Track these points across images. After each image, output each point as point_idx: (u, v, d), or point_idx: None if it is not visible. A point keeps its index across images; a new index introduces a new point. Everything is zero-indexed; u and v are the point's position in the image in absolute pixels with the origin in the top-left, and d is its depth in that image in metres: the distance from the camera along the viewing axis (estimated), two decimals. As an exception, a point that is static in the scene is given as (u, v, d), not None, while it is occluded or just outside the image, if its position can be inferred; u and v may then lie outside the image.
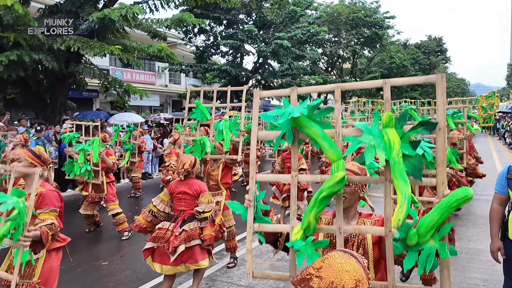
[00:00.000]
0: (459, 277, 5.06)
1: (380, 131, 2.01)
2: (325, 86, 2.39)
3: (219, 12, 22.26)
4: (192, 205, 4.40)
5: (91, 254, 6.36)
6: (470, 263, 5.52)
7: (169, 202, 4.50)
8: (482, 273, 5.19)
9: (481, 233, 6.74)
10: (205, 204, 4.36)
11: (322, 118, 2.17)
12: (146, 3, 14.10)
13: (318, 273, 1.31)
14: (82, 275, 5.48)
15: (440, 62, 61.38)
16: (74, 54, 12.14)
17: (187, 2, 15.01)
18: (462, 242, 6.36)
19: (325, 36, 25.82)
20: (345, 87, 2.29)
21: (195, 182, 4.56)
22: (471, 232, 6.89)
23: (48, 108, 13.24)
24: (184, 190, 4.45)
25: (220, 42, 22.37)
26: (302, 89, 2.36)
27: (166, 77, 29.24)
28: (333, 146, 2.10)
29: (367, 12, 36.70)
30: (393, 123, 1.99)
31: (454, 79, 78.34)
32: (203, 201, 4.38)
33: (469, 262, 5.55)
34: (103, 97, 17.54)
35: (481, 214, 7.99)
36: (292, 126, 2.16)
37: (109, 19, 10.96)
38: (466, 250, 5.98)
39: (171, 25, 13.77)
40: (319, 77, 31.42)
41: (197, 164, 4.60)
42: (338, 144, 2.11)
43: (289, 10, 23.25)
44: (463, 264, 5.46)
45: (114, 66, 24.44)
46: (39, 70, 12.44)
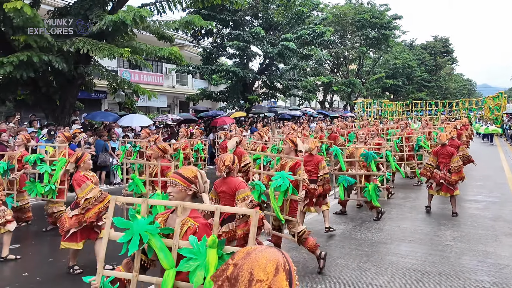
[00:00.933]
0: (467, 279, 4.99)
1: (205, 250, 2.28)
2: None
3: (226, 13, 22.35)
4: (231, 204, 4.27)
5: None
6: (479, 265, 5.46)
7: (217, 200, 4.47)
8: (491, 275, 5.10)
9: (490, 235, 6.72)
10: (240, 202, 4.20)
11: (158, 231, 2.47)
12: (153, 5, 14.23)
13: (235, 261, 1.30)
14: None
15: (447, 63, 61.13)
16: (83, 56, 12.28)
17: (194, 4, 15.13)
18: (470, 244, 6.32)
19: (330, 36, 25.80)
20: (223, 210, 2.59)
21: (233, 179, 4.40)
22: (480, 234, 6.82)
23: (58, 109, 13.38)
24: (223, 189, 4.39)
25: (226, 44, 22.48)
26: (152, 201, 2.87)
27: (173, 78, 29.41)
28: (168, 256, 2.40)
29: (375, 13, 36.65)
30: (216, 245, 2.25)
31: (460, 79, 78.02)
32: (239, 199, 4.23)
33: (477, 264, 5.49)
34: (112, 98, 17.71)
35: (489, 215, 8.00)
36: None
37: (122, 22, 11.12)
38: (474, 253, 5.93)
39: (179, 27, 13.88)
40: (325, 78, 31.45)
41: (236, 161, 4.47)
42: (173, 253, 2.42)
43: (296, 11, 23.29)
44: (470, 267, 5.40)
45: (122, 67, 24.65)
46: (49, 71, 12.61)
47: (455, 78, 71.78)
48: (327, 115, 32.16)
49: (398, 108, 37.32)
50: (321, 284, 4.96)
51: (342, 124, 15.75)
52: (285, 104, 42.27)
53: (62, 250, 5.33)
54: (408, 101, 39.90)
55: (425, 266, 5.46)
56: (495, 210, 8.44)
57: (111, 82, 15.34)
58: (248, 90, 24.26)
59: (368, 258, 5.79)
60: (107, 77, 15.19)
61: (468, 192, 10.28)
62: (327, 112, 35.02)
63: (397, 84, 46.64)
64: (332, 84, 33.83)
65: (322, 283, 4.99)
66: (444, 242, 6.46)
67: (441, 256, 5.80)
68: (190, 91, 28.20)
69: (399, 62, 48.26)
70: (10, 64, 10.31)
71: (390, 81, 44.76)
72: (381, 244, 6.43)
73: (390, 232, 7.06)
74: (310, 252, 5.34)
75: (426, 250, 6.10)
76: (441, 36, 62.26)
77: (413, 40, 59.72)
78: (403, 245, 6.34)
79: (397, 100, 44.77)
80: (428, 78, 54.24)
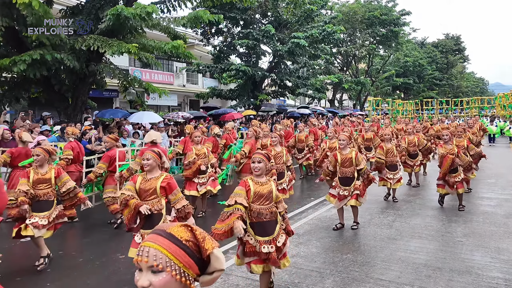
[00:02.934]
0: (479, 276, 4.89)
1: None
2: None
3: (236, 12, 22.37)
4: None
5: (109, 247, 6.47)
6: (491, 262, 5.36)
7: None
8: (504, 272, 5.00)
9: (502, 232, 6.63)
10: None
11: None
12: (163, 3, 14.28)
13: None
14: (100, 268, 5.56)
15: (458, 61, 60.56)
16: (94, 54, 12.34)
17: (204, 3, 15.14)
18: (482, 240, 6.22)
19: (340, 35, 25.73)
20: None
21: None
22: (492, 231, 6.73)
23: (70, 107, 13.48)
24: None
25: (236, 42, 22.51)
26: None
27: (183, 77, 29.63)
28: None
29: (383, 10, 36.36)
30: None
31: (472, 78, 77.29)
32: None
33: (489, 261, 5.40)
34: (123, 96, 17.82)
35: (501, 213, 7.90)
36: None
37: (124, 17, 11.13)
38: (486, 249, 5.84)
39: (187, 23, 13.83)
40: (334, 77, 31.32)
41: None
42: None
43: (305, 9, 23.22)
44: (483, 263, 5.30)
45: (134, 66, 24.84)
46: (62, 69, 12.70)
47: (467, 76, 71.09)
48: (336, 113, 32.01)
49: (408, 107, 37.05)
50: (328, 278, 4.92)
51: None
52: (294, 103, 42.14)
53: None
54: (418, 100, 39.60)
55: (435, 262, 5.37)
56: (508, 208, 8.32)
57: (122, 80, 15.41)
58: (257, 88, 24.27)
59: (377, 254, 5.73)
60: (118, 76, 15.26)
61: (480, 189, 10.17)
62: (336, 111, 34.86)
63: (407, 82, 46.27)
64: (342, 82, 33.62)
65: (329, 277, 4.95)
66: (455, 238, 6.37)
67: (452, 252, 5.70)
68: (200, 90, 28.31)
69: (409, 60, 47.89)
70: (23, 63, 10.36)
71: (400, 79, 44.40)
72: (391, 240, 6.36)
73: (399, 228, 6.99)
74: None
75: (437, 246, 6.01)
76: (453, 34, 61.71)
77: (425, 38, 59.29)
78: (413, 241, 6.25)
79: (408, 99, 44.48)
80: (439, 77, 53.76)
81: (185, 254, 1.42)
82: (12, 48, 12.20)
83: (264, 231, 4.05)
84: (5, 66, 10.49)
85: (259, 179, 4.16)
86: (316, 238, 6.54)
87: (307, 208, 8.70)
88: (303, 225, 7.32)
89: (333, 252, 5.89)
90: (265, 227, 4.06)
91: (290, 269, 5.02)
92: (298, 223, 7.45)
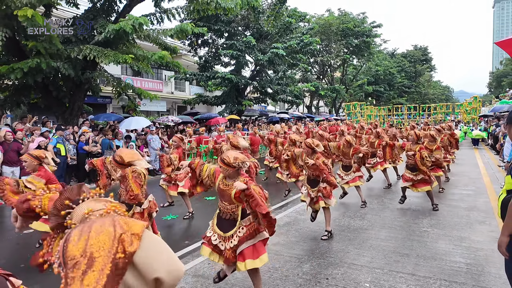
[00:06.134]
0: (443, 260, 5.10)
1: None
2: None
3: (220, 24, 22.60)
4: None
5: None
6: (454, 249, 5.53)
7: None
8: (466, 257, 5.19)
9: (464, 223, 6.84)
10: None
11: None
12: (153, 15, 14.38)
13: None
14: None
15: (426, 70, 61.69)
16: (90, 62, 12.41)
17: (190, 15, 15.27)
18: (446, 230, 6.41)
19: (317, 46, 26.15)
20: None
21: None
22: (455, 221, 6.93)
23: (67, 112, 13.52)
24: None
25: (221, 53, 22.72)
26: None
27: (172, 85, 29.80)
28: None
29: (356, 22, 37.06)
30: None
31: (439, 86, 78.68)
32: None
33: (452, 248, 5.57)
34: (116, 102, 17.82)
35: (464, 206, 8.11)
36: None
37: (123, 31, 11.24)
38: (450, 238, 6.02)
39: (174, 34, 13.98)
40: (311, 84, 31.72)
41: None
42: None
43: (285, 21, 23.58)
44: (446, 250, 5.48)
45: (125, 74, 24.84)
46: (59, 76, 12.72)
47: (433, 84, 72.39)
48: (313, 118, 32.45)
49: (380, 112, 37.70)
50: (306, 263, 5.08)
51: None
52: (274, 108, 42.50)
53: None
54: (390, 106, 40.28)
55: (403, 249, 5.55)
56: (469, 202, 8.56)
57: (115, 87, 15.45)
58: (241, 95, 24.52)
59: (351, 242, 5.91)
60: (112, 83, 15.31)
61: (445, 185, 10.34)
62: (313, 116, 35.33)
63: (378, 90, 47.04)
64: (319, 90, 34.10)
65: (307, 262, 5.12)
66: (422, 228, 6.56)
67: (419, 241, 5.88)
68: (187, 97, 28.47)
69: (380, 69, 48.74)
70: (20, 70, 10.37)
71: (371, 87, 45.14)
72: (363, 230, 6.55)
73: (371, 220, 7.19)
74: None
75: (405, 235, 6.19)
76: (421, 45, 62.90)
77: (395, 49, 60.35)
78: (383, 231, 6.44)
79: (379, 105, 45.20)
80: (408, 84, 54.73)
81: None
82: (13, 56, 12.19)
83: (223, 227, 3.93)
84: (3, 73, 10.50)
85: (226, 180, 3.90)
86: (295, 229, 6.70)
87: (286, 203, 8.90)
88: (283, 218, 7.48)
89: (310, 240, 6.06)
90: (223, 224, 3.95)
91: (271, 256, 5.11)
92: (279, 215, 7.60)
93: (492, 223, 6.82)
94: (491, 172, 12.53)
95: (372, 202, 8.70)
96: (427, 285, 4.38)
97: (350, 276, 4.63)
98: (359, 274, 4.70)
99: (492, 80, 72.16)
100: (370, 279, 4.54)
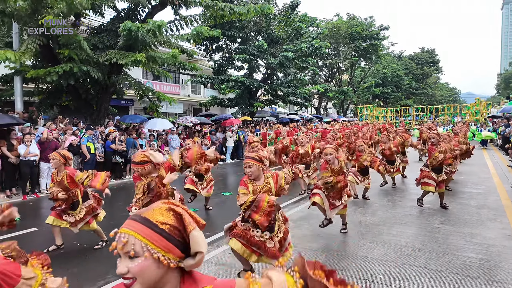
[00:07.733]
0: (455, 255, 5.07)
1: None
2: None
3: (234, 30, 22.89)
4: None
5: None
6: (465, 244, 5.52)
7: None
8: (478, 253, 5.15)
9: (475, 220, 6.79)
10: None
11: None
12: (172, 23, 14.73)
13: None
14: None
15: (433, 72, 61.01)
16: (115, 67, 12.90)
17: (207, 22, 15.57)
18: (457, 227, 6.39)
19: (326, 50, 26.29)
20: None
21: None
22: (466, 219, 6.88)
23: (95, 113, 14.07)
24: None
25: (234, 57, 23.04)
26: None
27: (188, 88, 30.33)
28: None
29: (364, 26, 36.96)
30: None
31: (446, 88, 77.74)
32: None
33: (464, 243, 5.56)
34: (138, 104, 18.32)
35: (474, 204, 8.04)
36: None
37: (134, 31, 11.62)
38: (461, 234, 5.98)
39: (190, 38, 14.28)
40: (320, 87, 31.80)
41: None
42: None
43: (295, 26, 23.75)
44: (458, 245, 5.48)
45: (146, 78, 25.39)
46: (87, 80, 13.30)
47: (440, 86, 71.61)
48: (321, 119, 32.55)
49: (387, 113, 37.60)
50: (321, 255, 5.16)
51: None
52: (284, 110, 42.66)
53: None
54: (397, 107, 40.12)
55: (415, 244, 5.54)
56: (479, 200, 8.46)
57: (137, 90, 15.86)
58: (253, 97, 24.81)
59: (363, 237, 5.94)
60: (134, 86, 15.70)
61: (454, 185, 10.27)
62: (321, 117, 35.41)
63: (386, 91, 46.79)
64: (327, 92, 34.15)
65: (321, 254, 5.20)
66: (433, 225, 6.51)
67: (430, 237, 5.86)
68: (202, 99, 28.93)
69: (388, 71, 48.49)
70: (55, 74, 10.97)
71: (378, 89, 44.91)
72: (375, 225, 6.55)
73: (382, 216, 7.20)
74: None
75: (416, 231, 6.14)
76: (428, 48, 62.16)
77: (402, 52, 59.85)
78: (395, 227, 6.43)
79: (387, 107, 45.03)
80: (415, 86, 54.26)
81: (161, 237, 1.20)
82: (48, 62, 12.75)
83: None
84: (40, 76, 11.22)
85: (256, 182, 3.96)
86: (309, 223, 6.79)
87: (301, 198, 9.08)
88: (297, 212, 7.59)
89: (324, 234, 6.13)
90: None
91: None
92: (292, 211, 7.70)
93: (503, 220, 6.73)
94: (501, 172, 12.37)
95: (383, 199, 8.75)
96: (440, 278, 4.37)
97: (364, 268, 4.67)
98: (372, 266, 4.73)
99: (500, 82, 71.25)
100: (383, 271, 4.58)
